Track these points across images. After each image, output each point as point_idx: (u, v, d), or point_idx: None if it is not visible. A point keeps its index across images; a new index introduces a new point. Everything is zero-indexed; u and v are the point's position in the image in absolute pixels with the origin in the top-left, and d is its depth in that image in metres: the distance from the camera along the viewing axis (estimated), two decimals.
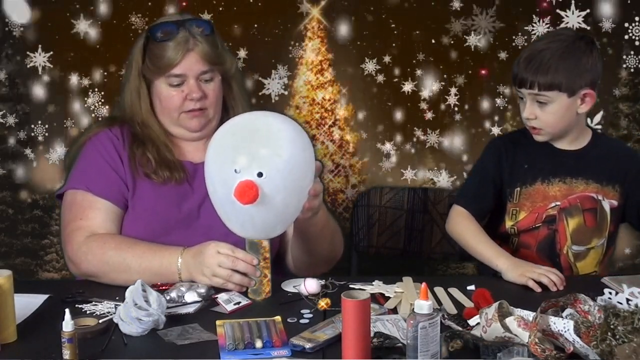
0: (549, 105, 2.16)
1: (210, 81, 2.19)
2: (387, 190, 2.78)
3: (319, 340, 1.68)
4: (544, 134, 2.21)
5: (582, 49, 2.17)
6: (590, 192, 2.24)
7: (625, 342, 1.53)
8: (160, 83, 2.18)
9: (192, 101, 2.16)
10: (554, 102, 2.15)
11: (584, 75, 2.16)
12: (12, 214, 2.79)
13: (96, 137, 2.22)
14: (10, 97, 2.74)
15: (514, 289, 2.03)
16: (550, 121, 2.18)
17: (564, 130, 2.22)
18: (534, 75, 2.14)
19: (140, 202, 2.14)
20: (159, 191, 2.14)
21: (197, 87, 2.16)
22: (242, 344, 1.65)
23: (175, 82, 2.16)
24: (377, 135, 2.83)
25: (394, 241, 2.75)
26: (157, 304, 1.74)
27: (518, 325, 1.62)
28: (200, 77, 2.17)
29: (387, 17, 2.78)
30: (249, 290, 1.95)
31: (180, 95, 2.16)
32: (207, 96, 2.18)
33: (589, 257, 2.25)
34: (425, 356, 1.53)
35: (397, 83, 2.81)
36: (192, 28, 2.15)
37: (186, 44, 2.13)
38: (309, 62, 2.78)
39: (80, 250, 2.06)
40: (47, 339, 1.71)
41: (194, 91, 2.15)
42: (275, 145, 1.85)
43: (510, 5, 2.78)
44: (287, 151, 1.85)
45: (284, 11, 2.75)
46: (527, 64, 2.16)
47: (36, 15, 2.71)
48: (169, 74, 2.15)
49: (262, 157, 1.83)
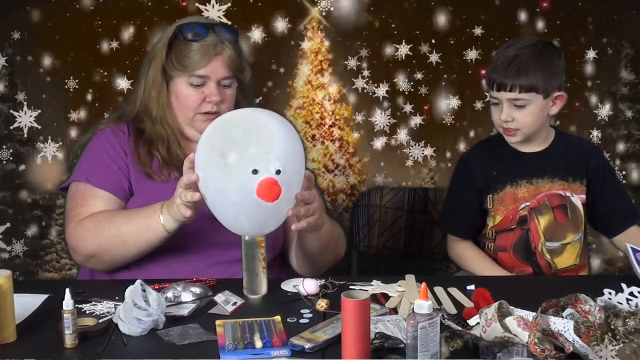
0: (526, 108, 2.23)
1: (229, 87, 2.21)
2: (388, 190, 2.78)
3: (319, 340, 1.67)
4: (519, 135, 2.27)
5: (554, 53, 2.27)
6: (556, 189, 2.31)
7: (626, 343, 1.53)
8: (181, 81, 2.19)
9: (210, 104, 2.18)
10: (531, 104, 2.23)
11: (557, 77, 2.26)
12: (12, 214, 2.79)
13: (101, 132, 2.23)
14: (11, 96, 2.74)
15: (514, 289, 2.03)
16: (527, 122, 2.25)
17: (537, 131, 2.29)
18: (515, 79, 2.20)
19: (142, 198, 2.14)
20: (164, 189, 2.14)
21: (217, 91, 2.17)
22: (241, 344, 1.65)
23: (197, 82, 2.17)
24: (377, 135, 2.83)
25: (394, 241, 2.75)
26: (156, 304, 1.74)
27: (518, 325, 1.62)
28: (221, 81, 2.19)
29: (387, 17, 2.78)
30: (245, 288, 1.95)
31: (199, 96, 2.18)
32: (224, 101, 2.20)
33: (567, 251, 2.32)
34: (425, 356, 1.53)
35: (397, 83, 2.81)
36: (221, 33, 2.17)
37: (215, 47, 2.16)
38: (309, 62, 2.78)
39: (76, 231, 2.08)
40: (46, 339, 1.71)
41: (214, 94, 2.17)
42: (266, 144, 1.83)
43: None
44: (278, 149, 1.83)
45: (284, 11, 2.75)
46: (506, 68, 2.21)
47: (36, 16, 2.72)
48: (193, 74, 2.16)
49: (252, 155, 1.81)
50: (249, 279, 1.95)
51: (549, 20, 2.81)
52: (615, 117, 2.85)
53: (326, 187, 2.83)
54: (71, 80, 2.75)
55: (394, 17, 2.79)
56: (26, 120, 2.74)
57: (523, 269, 2.30)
